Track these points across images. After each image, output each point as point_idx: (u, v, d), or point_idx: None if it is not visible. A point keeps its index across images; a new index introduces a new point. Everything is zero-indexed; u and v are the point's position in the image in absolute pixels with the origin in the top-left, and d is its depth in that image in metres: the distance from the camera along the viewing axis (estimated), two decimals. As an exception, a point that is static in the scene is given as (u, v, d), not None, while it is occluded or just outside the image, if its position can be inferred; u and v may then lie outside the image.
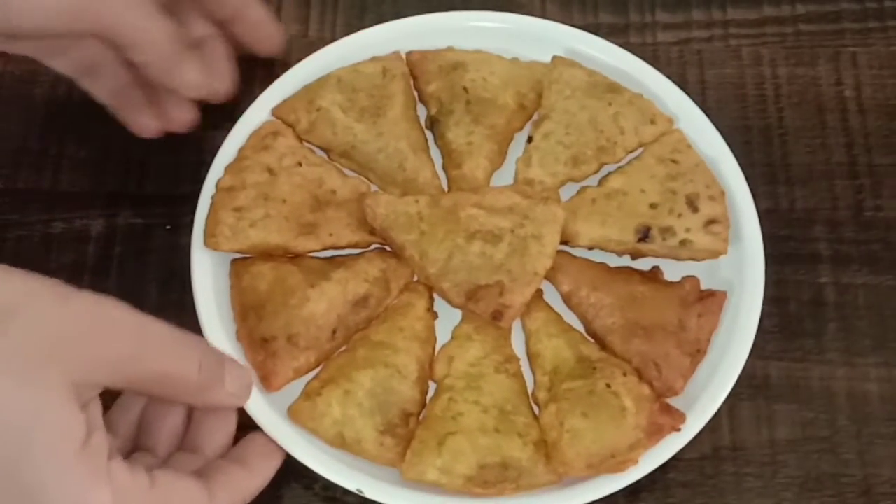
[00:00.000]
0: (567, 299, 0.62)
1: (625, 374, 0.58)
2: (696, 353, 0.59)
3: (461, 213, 0.60)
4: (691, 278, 0.61)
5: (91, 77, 0.65)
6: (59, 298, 0.47)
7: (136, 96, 0.65)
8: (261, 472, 0.55)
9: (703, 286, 0.61)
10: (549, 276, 0.62)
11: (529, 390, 0.60)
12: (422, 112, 0.67)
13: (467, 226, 0.60)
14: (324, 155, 0.66)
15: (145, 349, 0.49)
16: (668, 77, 0.67)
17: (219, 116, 0.69)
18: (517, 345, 0.61)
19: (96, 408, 0.48)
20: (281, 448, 0.57)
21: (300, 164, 0.64)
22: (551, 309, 0.62)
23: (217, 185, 0.63)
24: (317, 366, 0.60)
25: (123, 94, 0.65)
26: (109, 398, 0.53)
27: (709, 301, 0.60)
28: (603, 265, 0.63)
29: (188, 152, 0.69)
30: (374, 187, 0.65)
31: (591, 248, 0.63)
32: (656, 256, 0.63)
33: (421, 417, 0.59)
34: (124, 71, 0.64)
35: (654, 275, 0.62)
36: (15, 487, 0.43)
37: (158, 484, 0.49)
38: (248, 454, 0.55)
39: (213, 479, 0.52)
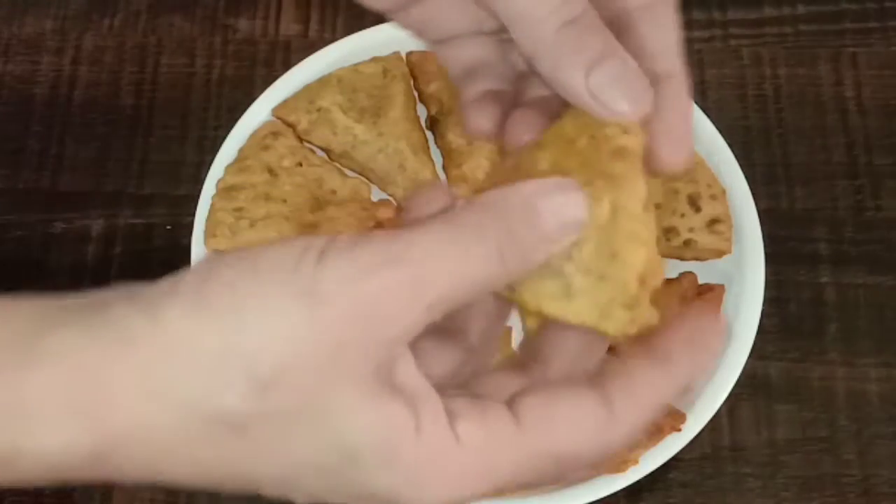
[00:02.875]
0: (567, 300, 0.62)
1: (625, 374, 0.58)
2: (698, 352, 0.59)
3: None
4: (689, 274, 0.61)
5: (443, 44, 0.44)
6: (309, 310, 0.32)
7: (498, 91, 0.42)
8: (684, 365, 0.36)
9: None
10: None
11: (530, 390, 0.60)
12: (422, 112, 0.67)
13: None
14: (324, 155, 0.66)
15: (434, 287, 0.32)
16: (669, 77, 0.67)
17: (219, 116, 0.69)
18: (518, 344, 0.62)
19: (407, 362, 0.33)
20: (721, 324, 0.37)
21: (300, 165, 0.64)
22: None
23: (217, 185, 0.63)
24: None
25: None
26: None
27: (708, 296, 0.60)
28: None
29: (188, 152, 0.69)
30: (374, 187, 0.65)
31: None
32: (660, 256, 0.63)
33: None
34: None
35: (653, 274, 0.62)
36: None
37: (527, 415, 0.33)
38: (663, 342, 0.36)
39: (608, 384, 0.35)
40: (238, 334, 0.31)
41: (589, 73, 0.36)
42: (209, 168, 0.64)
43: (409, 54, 0.68)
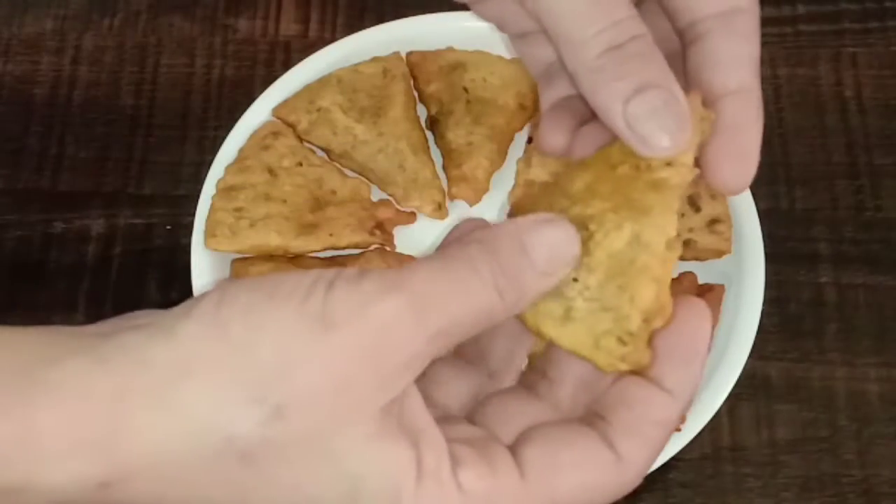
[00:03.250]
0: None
1: (625, 374, 0.58)
2: (699, 351, 0.59)
3: None
4: (688, 274, 0.61)
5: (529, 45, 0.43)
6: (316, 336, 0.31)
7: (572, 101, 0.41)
8: (683, 387, 0.34)
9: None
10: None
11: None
12: (422, 112, 0.67)
13: None
14: (324, 155, 0.66)
15: (434, 324, 0.32)
16: (668, 77, 0.67)
17: (219, 116, 0.69)
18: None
19: (415, 401, 0.33)
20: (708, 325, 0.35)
21: (300, 165, 0.64)
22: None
23: (217, 185, 0.63)
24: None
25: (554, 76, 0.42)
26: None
27: (708, 296, 0.60)
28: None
29: (188, 152, 0.69)
30: (374, 187, 0.65)
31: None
32: (658, 257, 0.63)
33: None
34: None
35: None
36: None
37: (532, 465, 0.33)
38: (658, 362, 0.34)
39: (609, 422, 0.34)
40: (254, 357, 0.31)
41: (628, 101, 0.35)
42: (209, 168, 0.64)
43: (409, 54, 0.68)
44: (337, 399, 0.31)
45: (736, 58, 0.37)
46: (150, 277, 0.66)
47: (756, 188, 0.64)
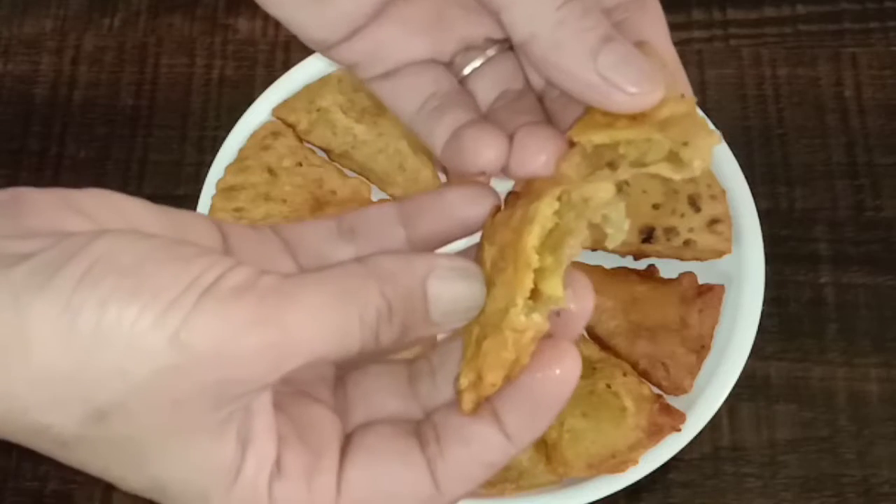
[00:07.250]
0: (568, 305, 0.62)
1: (625, 374, 0.58)
2: (701, 348, 0.59)
3: None
4: (689, 274, 0.61)
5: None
6: None
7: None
8: (523, 436, 0.33)
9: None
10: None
11: (530, 390, 0.60)
12: (422, 112, 0.67)
13: None
14: (324, 155, 0.66)
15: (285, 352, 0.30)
16: (669, 77, 0.67)
17: (219, 116, 0.69)
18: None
19: (259, 406, 0.32)
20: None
21: (300, 165, 0.64)
22: (551, 309, 0.62)
23: (217, 185, 0.63)
24: (317, 366, 0.60)
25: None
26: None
27: (708, 295, 0.61)
28: (599, 267, 0.62)
29: (188, 152, 0.69)
30: (374, 187, 0.65)
31: (594, 250, 0.63)
32: (660, 257, 0.63)
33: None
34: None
35: (650, 273, 0.62)
36: None
37: (352, 483, 0.32)
38: (509, 402, 0.33)
39: (440, 451, 0.33)
40: (93, 361, 0.29)
41: (597, 52, 0.33)
42: (209, 168, 0.64)
43: (409, 54, 0.68)
44: (167, 416, 0.30)
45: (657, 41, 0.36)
46: (150, 277, 0.66)
47: (756, 188, 0.64)
